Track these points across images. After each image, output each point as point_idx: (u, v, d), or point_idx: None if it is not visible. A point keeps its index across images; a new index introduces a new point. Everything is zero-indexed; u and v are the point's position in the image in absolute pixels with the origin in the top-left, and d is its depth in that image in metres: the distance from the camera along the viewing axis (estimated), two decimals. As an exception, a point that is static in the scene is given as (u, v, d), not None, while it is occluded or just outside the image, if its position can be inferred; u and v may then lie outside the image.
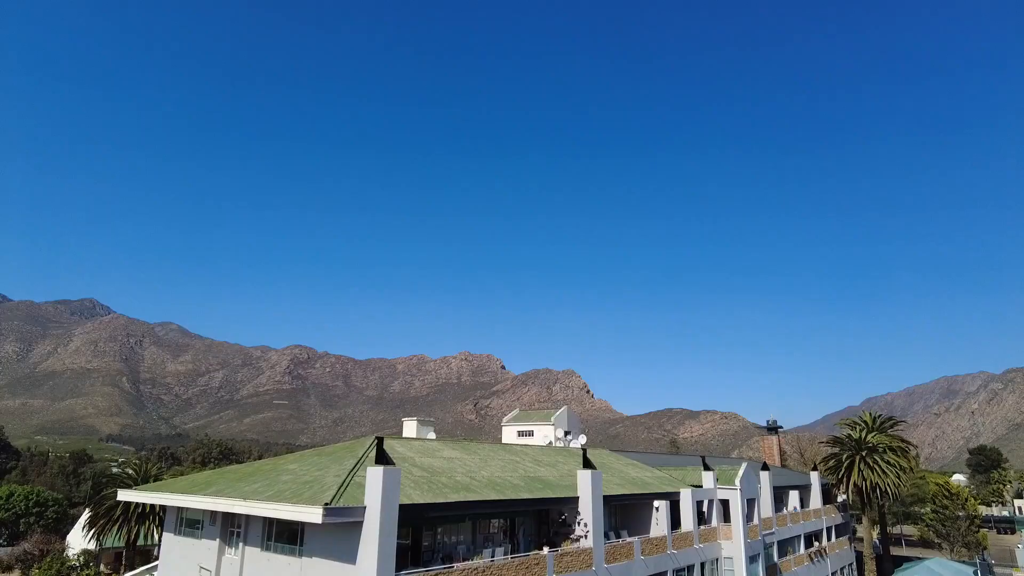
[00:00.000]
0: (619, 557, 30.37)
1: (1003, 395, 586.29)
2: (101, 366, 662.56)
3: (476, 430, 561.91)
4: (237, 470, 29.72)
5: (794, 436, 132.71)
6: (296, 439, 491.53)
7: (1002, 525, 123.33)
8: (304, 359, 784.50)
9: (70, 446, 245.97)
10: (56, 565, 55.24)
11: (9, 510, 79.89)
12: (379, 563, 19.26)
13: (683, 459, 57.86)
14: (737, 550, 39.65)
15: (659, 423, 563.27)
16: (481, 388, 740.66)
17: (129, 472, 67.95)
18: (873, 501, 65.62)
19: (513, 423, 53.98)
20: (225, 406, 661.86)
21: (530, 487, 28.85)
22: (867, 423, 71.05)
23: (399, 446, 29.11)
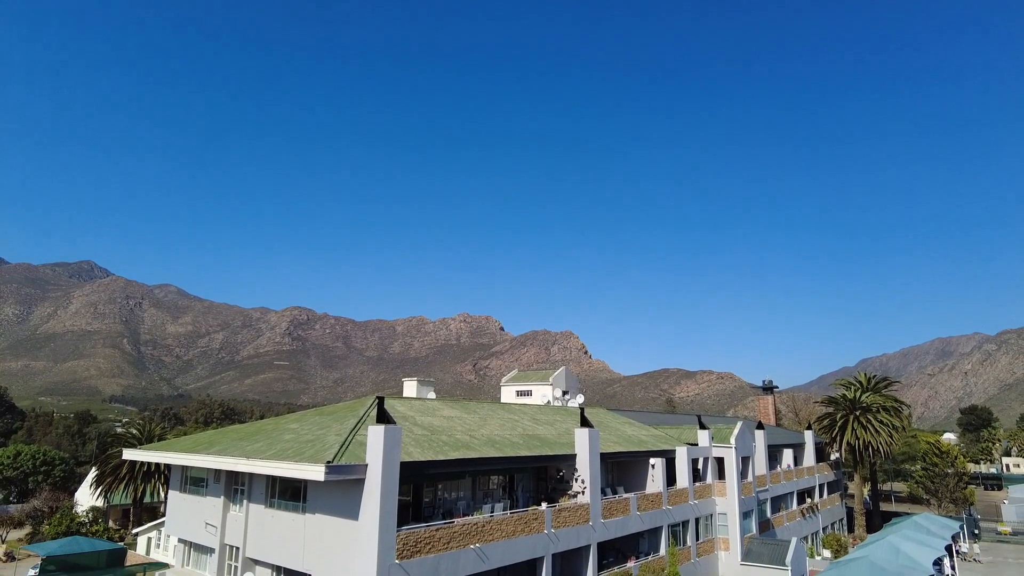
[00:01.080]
0: (615, 512, 31.10)
1: (996, 356, 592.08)
2: (101, 328, 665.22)
3: (475, 390, 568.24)
4: (239, 430, 30.14)
5: (789, 396, 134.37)
6: (297, 399, 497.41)
7: (989, 482, 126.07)
8: (304, 320, 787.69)
9: (74, 407, 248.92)
10: (66, 521, 56.41)
11: (17, 468, 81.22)
12: (381, 519, 19.72)
13: (679, 418, 58.71)
14: (731, 506, 40.60)
15: (656, 383, 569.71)
16: (480, 349, 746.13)
17: (133, 432, 68.95)
18: (865, 459, 66.92)
19: (512, 383, 54.53)
20: (226, 367, 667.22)
21: (528, 445, 29.34)
22: (861, 383, 71.94)
23: (400, 406, 29.49)
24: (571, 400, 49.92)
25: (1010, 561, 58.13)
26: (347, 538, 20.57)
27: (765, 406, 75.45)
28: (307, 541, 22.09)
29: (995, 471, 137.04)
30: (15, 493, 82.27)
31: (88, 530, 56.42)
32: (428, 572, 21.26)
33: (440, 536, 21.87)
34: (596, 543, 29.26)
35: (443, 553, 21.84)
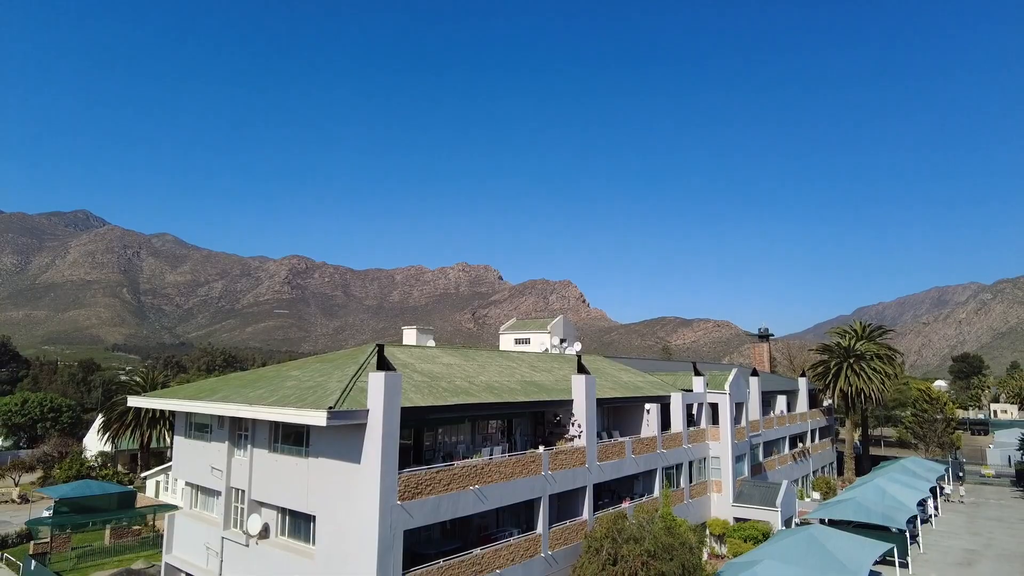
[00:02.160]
0: (611, 455, 31.94)
1: (991, 305, 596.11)
2: (100, 277, 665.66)
3: (474, 338, 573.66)
4: (241, 377, 30.58)
5: (785, 344, 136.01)
6: (298, 347, 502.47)
7: (977, 427, 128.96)
8: (302, 269, 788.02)
9: (77, 355, 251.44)
10: (76, 465, 57.87)
11: (25, 415, 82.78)
12: (383, 462, 20.27)
13: (675, 365, 59.59)
14: (724, 450, 41.67)
15: (653, 331, 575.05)
16: (479, 298, 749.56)
17: (137, 380, 70.00)
18: (857, 405, 68.29)
19: (510, 331, 55.10)
20: (226, 316, 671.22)
21: (526, 391, 29.88)
22: (857, 331, 72.73)
23: (400, 353, 29.85)
24: (569, 348, 50.52)
25: (991, 502, 60.08)
26: (350, 481, 21.17)
27: (760, 353, 76.44)
28: (310, 484, 22.75)
29: (983, 417, 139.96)
30: (25, 439, 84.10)
31: (98, 474, 57.95)
32: (429, 512, 22.00)
33: (440, 478, 22.53)
34: (592, 485, 30.16)
35: (444, 494, 22.53)
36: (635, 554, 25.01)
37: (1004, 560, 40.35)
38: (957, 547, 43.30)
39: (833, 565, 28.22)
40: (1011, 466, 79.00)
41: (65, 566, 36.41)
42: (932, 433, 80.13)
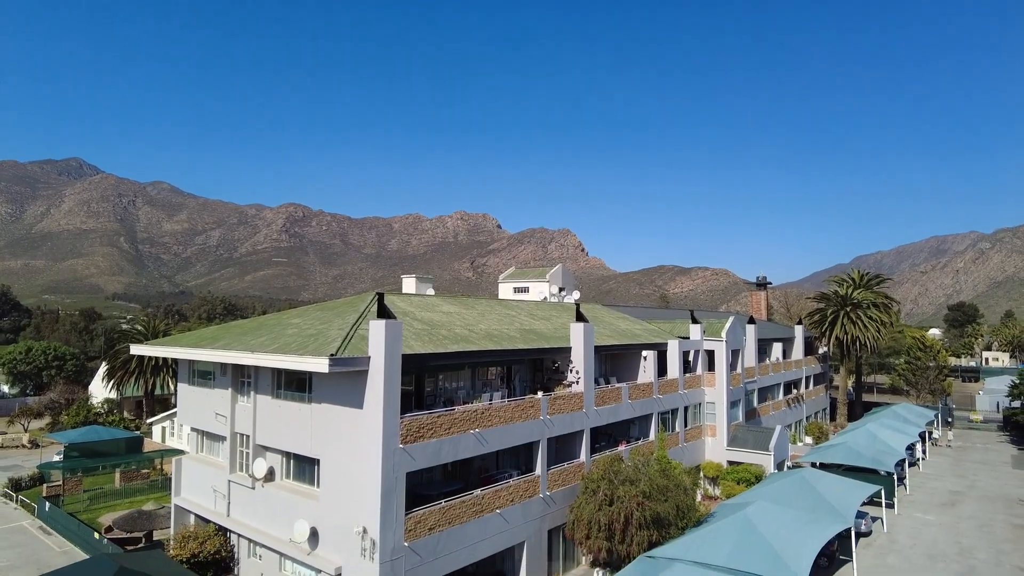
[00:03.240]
0: (608, 400, 32.54)
1: (989, 254, 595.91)
2: (97, 227, 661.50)
3: (473, 287, 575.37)
4: (242, 325, 30.79)
5: (782, 292, 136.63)
6: (298, 295, 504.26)
7: (968, 374, 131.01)
8: (300, 217, 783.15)
9: (78, 304, 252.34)
10: (83, 412, 58.88)
11: (30, 363, 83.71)
12: (385, 407, 20.65)
13: (673, 313, 59.99)
14: (719, 396, 42.41)
15: (651, 279, 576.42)
16: (477, 247, 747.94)
17: (138, 328, 70.55)
18: (852, 353, 69.14)
19: (509, 280, 55.22)
20: (224, 264, 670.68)
21: (525, 338, 30.18)
22: (854, 280, 72.99)
23: (399, 301, 30.00)
24: (567, 297, 50.74)
25: (977, 446, 61.60)
26: (352, 425, 21.62)
27: (758, 301, 76.88)
28: (314, 428, 23.23)
29: (974, 364, 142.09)
30: (31, 387, 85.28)
31: (105, 420, 59.01)
32: (431, 455, 22.56)
33: (442, 422, 23.01)
34: (589, 428, 30.84)
35: (444, 438, 23.06)
36: (631, 495, 25.78)
37: (986, 500, 41.69)
38: (942, 488, 44.65)
39: (823, 506, 29.16)
40: (999, 412, 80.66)
41: (78, 507, 37.54)
42: (924, 380, 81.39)
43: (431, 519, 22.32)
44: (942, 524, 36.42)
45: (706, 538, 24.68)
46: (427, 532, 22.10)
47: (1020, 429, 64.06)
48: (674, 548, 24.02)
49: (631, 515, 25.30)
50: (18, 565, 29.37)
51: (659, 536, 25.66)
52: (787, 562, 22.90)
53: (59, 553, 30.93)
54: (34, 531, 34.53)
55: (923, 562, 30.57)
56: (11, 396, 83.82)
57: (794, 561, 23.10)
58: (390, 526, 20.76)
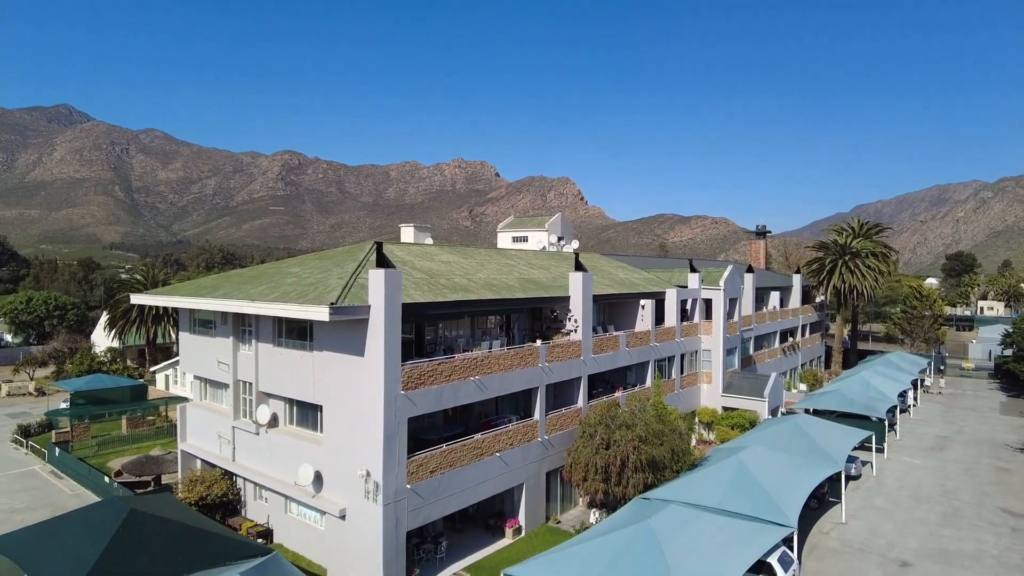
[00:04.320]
0: (606, 348, 32.92)
1: (991, 203, 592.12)
2: (91, 175, 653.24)
3: (472, 236, 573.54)
4: (241, 274, 30.82)
5: (781, 241, 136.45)
6: (296, 244, 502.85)
7: (962, 323, 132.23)
8: (295, 165, 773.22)
9: (76, 254, 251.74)
10: (87, 361, 59.51)
11: (32, 313, 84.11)
12: (386, 355, 20.90)
13: (672, 262, 60.05)
14: (716, 343, 42.89)
15: (650, 228, 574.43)
16: (475, 195, 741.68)
17: (138, 278, 70.57)
18: (849, 302, 69.57)
19: (508, 229, 54.96)
20: (221, 213, 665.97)
21: (524, 288, 30.30)
22: (853, 229, 72.78)
23: (398, 250, 29.95)
24: (566, 246, 50.64)
25: (967, 393, 62.74)
26: (354, 372, 21.92)
27: (756, 250, 76.88)
28: (316, 376, 23.56)
29: (969, 313, 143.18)
30: (34, 336, 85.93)
31: (108, 369, 59.72)
32: (431, 401, 22.98)
33: (442, 369, 23.33)
34: (587, 375, 31.32)
35: (445, 384, 23.44)
36: (627, 439, 26.39)
37: (972, 445, 42.76)
38: (931, 434, 45.71)
39: (815, 451, 29.91)
40: (991, 360, 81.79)
41: (87, 453, 38.41)
42: (919, 329, 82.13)
43: (432, 462, 22.91)
44: (929, 468, 37.46)
45: (700, 481, 25.41)
46: (429, 475, 22.72)
47: (1010, 377, 65.08)
48: (669, 490, 24.76)
49: (627, 458, 25.96)
50: (34, 507, 30.27)
51: (654, 479, 26.40)
52: (779, 504, 23.65)
53: (71, 496, 31.83)
54: (46, 475, 35.44)
55: (909, 503, 31.58)
56: (15, 345, 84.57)
57: (785, 503, 23.86)
58: (393, 469, 21.33)
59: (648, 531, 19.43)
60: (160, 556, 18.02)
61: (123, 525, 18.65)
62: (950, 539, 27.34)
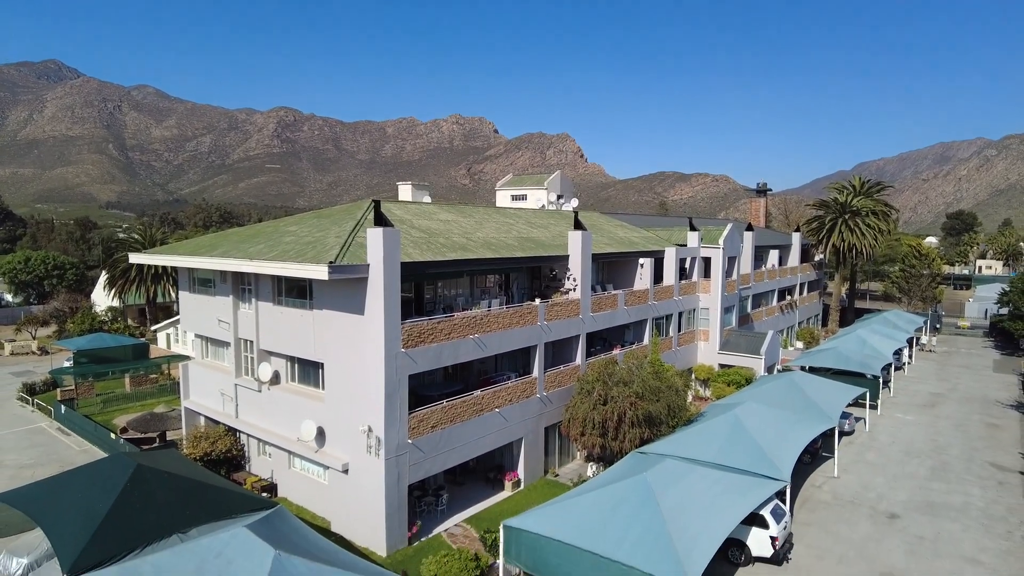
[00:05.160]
0: (604, 307, 33.09)
1: (994, 161, 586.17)
2: (83, 133, 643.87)
3: (470, 195, 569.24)
4: (239, 232, 30.70)
5: (782, 199, 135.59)
6: (293, 202, 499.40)
7: (960, 282, 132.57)
8: (291, 122, 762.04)
9: (72, 213, 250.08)
10: (88, 320, 59.80)
11: (30, 272, 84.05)
12: (386, 313, 21.01)
13: (671, 220, 59.80)
14: (714, 302, 43.09)
15: (650, 186, 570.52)
16: (474, 153, 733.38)
17: (135, 237, 70.32)
18: (848, 260, 69.61)
19: (507, 188, 54.59)
20: (217, 171, 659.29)
21: (523, 247, 30.26)
22: (854, 187, 72.28)
23: (396, 209, 29.79)
24: (565, 204, 50.36)
25: (961, 351, 63.38)
26: (355, 330, 22.08)
27: (756, 209, 76.51)
28: (317, 334, 23.73)
29: (967, 272, 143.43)
30: (34, 296, 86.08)
31: (110, 328, 60.08)
32: (431, 358, 23.21)
33: (442, 328, 23.50)
34: (585, 334, 31.57)
35: (445, 343, 23.64)
36: (624, 395, 26.78)
37: (964, 402, 43.43)
38: (924, 391, 46.36)
39: (810, 407, 30.39)
40: (986, 319, 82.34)
41: (92, 410, 38.96)
42: (916, 288, 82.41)
43: (433, 418, 23.29)
44: (921, 424, 38.12)
45: (696, 436, 25.89)
46: (429, 430, 23.12)
47: (1005, 335, 65.63)
48: (665, 445, 25.26)
49: (624, 414, 26.39)
50: (43, 463, 30.88)
51: (651, 434, 26.90)
52: (772, 459, 24.16)
53: (79, 452, 32.43)
54: (53, 432, 36.03)
55: (900, 458, 32.26)
56: (15, 305, 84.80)
57: (779, 458, 24.37)
58: (394, 425, 21.69)
59: (644, 484, 19.89)
60: (167, 510, 18.47)
61: (130, 480, 19.06)
62: (938, 492, 28.03)
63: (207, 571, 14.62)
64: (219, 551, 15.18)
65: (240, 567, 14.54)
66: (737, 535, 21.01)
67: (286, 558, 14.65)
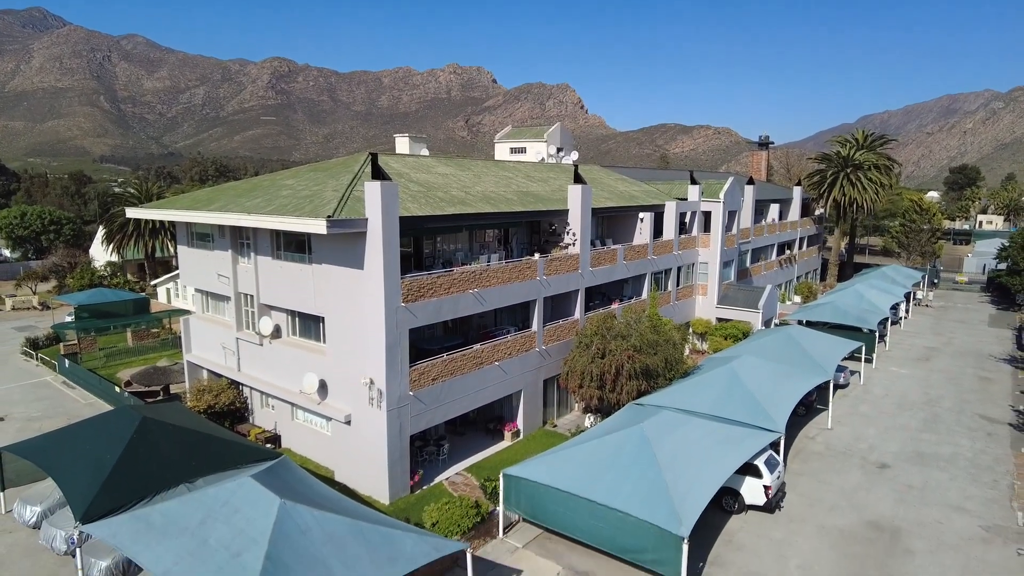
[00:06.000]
0: (603, 261, 33.11)
1: (1001, 114, 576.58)
2: (73, 85, 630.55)
3: (468, 147, 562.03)
4: (236, 186, 30.42)
5: (784, 152, 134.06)
6: (289, 155, 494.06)
7: (960, 237, 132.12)
8: (285, 72, 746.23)
9: (66, 167, 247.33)
10: (87, 275, 59.74)
11: (27, 228, 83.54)
12: (385, 268, 21.02)
13: (672, 174, 59.22)
14: (713, 256, 43.10)
15: (651, 139, 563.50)
16: (472, 104, 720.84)
17: (131, 191, 69.72)
18: (848, 215, 69.30)
19: (505, 140, 53.79)
20: (212, 124, 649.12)
21: (522, 201, 30.07)
22: (857, 140, 71.37)
23: (393, 162, 29.46)
24: (565, 157, 49.78)
25: (958, 306, 63.74)
26: (355, 285, 22.13)
27: (758, 162, 75.78)
28: (317, 288, 23.79)
29: (968, 227, 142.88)
30: (32, 251, 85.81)
31: (109, 283, 60.09)
32: (431, 313, 23.34)
33: (441, 282, 23.55)
34: (584, 288, 31.69)
35: (444, 297, 23.73)
36: (622, 349, 27.06)
37: (958, 356, 43.94)
38: (919, 345, 46.84)
39: (806, 361, 30.76)
40: (984, 274, 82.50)
41: (95, 364, 39.36)
42: (916, 243, 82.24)
43: (434, 371, 23.59)
44: (914, 377, 38.66)
45: (692, 388, 26.30)
46: (430, 382, 23.44)
47: (1002, 290, 65.88)
48: (661, 397, 25.68)
49: (622, 367, 26.72)
50: (50, 415, 31.38)
51: (648, 386, 27.29)
52: (767, 411, 24.61)
53: (85, 405, 32.92)
54: (58, 385, 36.50)
55: (892, 410, 32.83)
56: (14, 260, 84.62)
57: (774, 410, 24.82)
58: (395, 377, 21.98)
59: (640, 434, 20.30)
60: (174, 461, 18.89)
61: (136, 432, 19.44)
62: (928, 443, 28.64)
63: (215, 519, 15.05)
64: (226, 500, 15.60)
65: (246, 515, 14.96)
66: (731, 484, 21.55)
67: (291, 506, 15.05)
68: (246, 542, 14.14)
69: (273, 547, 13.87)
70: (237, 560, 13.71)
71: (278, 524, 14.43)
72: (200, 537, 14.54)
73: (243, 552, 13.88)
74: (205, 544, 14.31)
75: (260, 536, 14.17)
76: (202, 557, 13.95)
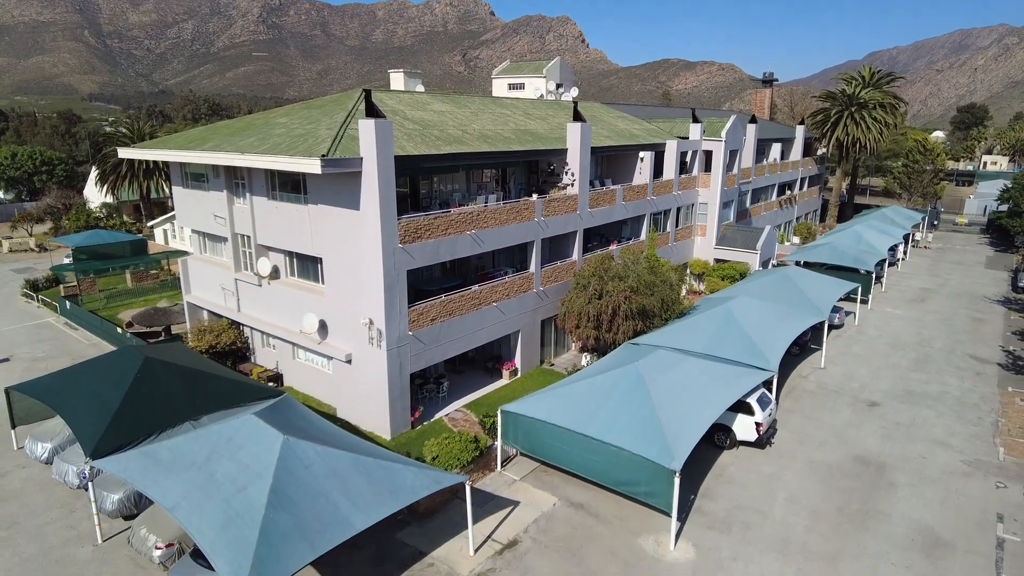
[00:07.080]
0: (602, 202, 32.88)
1: (1014, 51, 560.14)
2: (55, 18, 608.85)
3: (465, 83, 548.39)
4: (229, 125, 29.84)
5: (788, 90, 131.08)
6: (283, 93, 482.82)
7: (963, 178, 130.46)
8: (276, 6, 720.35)
9: (54, 106, 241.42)
10: (83, 216, 59.34)
11: (19, 169, 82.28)
12: (382, 208, 20.88)
13: (674, 111, 58.07)
14: (713, 197, 42.76)
15: (654, 75, 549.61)
16: (469, 37, 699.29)
17: (123, 131, 68.28)
18: (851, 155, 68.28)
19: (503, 76, 52.36)
20: (202, 60, 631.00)
21: (521, 140, 29.58)
22: (863, 78, 69.60)
23: (388, 99, 28.81)
24: (565, 94, 48.65)
25: (956, 248, 63.72)
26: (352, 225, 22.04)
27: (761, 100, 74.18)
28: (314, 229, 23.69)
29: (972, 168, 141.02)
30: (25, 192, 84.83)
31: (106, 224, 59.74)
32: (429, 254, 23.34)
33: (438, 224, 23.45)
34: (582, 229, 31.57)
35: (442, 238, 23.68)
36: (619, 290, 27.22)
37: (953, 297, 44.26)
38: (915, 286, 47.09)
39: (802, 301, 30.98)
40: (985, 216, 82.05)
41: (96, 306, 39.59)
42: (918, 184, 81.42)
43: (432, 311, 23.79)
44: (908, 318, 39.05)
45: (688, 328, 26.60)
46: (429, 323, 23.68)
47: (1002, 232, 65.70)
48: (657, 336, 26.00)
49: (618, 307, 26.95)
50: (54, 355, 31.81)
51: (644, 326, 27.60)
52: (762, 350, 24.96)
53: (88, 345, 33.32)
54: (60, 327, 36.83)
55: (885, 350, 33.32)
56: (7, 202, 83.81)
57: (768, 350, 25.17)
58: (394, 318, 22.18)
59: (635, 372, 20.67)
60: (177, 399, 19.29)
61: (140, 371, 19.77)
62: (917, 382, 29.21)
63: (220, 455, 15.50)
64: (230, 436, 16.03)
65: (251, 451, 15.40)
66: (724, 421, 22.11)
67: (295, 442, 15.48)
68: (251, 477, 14.62)
69: (277, 481, 14.34)
70: (243, 493, 14.20)
71: (282, 459, 14.87)
72: (207, 472, 15.01)
73: (248, 486, 14.37)
74: (212, 478, 14.79)
75: (265, 471, 14.63)
76: (209, 491, 14.44)
